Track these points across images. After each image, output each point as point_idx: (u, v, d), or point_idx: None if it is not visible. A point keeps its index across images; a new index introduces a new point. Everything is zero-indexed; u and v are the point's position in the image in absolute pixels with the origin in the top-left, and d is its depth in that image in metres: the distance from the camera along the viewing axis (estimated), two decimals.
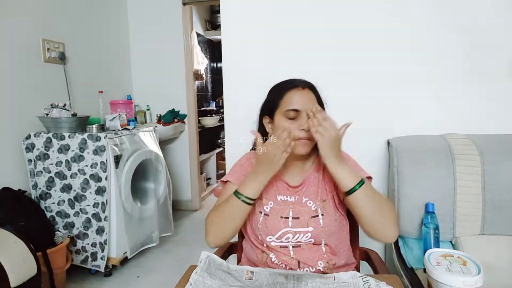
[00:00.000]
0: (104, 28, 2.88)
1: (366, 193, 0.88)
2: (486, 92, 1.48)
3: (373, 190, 0.91)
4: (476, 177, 1.24)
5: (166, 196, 2.57)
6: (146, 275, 2.20)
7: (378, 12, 1.52)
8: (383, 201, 0.91)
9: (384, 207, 0.89)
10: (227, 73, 1.67)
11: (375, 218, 0.88)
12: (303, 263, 0.94)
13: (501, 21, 1.44)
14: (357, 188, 0.87)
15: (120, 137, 2.14)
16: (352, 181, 0.88)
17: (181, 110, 3.22)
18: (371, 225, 0.89)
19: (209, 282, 0.81)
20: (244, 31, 1.64)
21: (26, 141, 2.06)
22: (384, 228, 0.89)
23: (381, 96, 1.56)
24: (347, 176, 0.88)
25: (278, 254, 0.95)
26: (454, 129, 1.46)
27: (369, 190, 0.89)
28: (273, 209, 0.98)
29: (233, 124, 1.69)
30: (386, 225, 0.88)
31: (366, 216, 0.88)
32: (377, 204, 0.89)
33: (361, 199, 0.87)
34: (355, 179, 0.88)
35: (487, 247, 1.21)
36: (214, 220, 0.96)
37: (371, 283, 0.79)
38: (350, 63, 1.57)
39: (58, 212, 2.10)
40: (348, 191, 0.88)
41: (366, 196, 0.87)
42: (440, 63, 1.50)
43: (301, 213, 0.96)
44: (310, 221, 0.95)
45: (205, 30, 4.27)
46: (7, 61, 2.01)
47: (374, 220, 0.88)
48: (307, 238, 0.94)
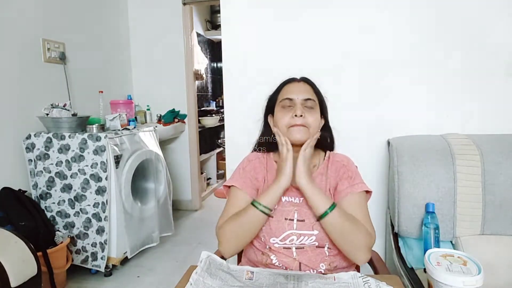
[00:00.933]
0: (105, 28, 2.88)
1: (335, 218, 0.89)
2: (486, 92, 1.48)
3: (345, 216, 0.90)
4: (476, 177, 1.24)
5: (166, 196, 2.57)
6: (146, 275, 2.20)
7: (378, 12, 1.52)
8: (354, 227, 0.90)
9: (354, 233, 0.89)
10: (227, 73, 1.67)
11: (344, 243, 0.90)
12: (305, 265, 0.93)
13: (501, 21, 1.44)
14: (328, 212, 0.89)
15: (120, 137, 2.14)
16: (322, 205, 0.90)
17: (181, 110, 3.22)
18: (341, 248, 0.91)
19: (209, 282, 0.81)
20: (244, 31, 1.64)
21: (27, 141, 2.06)
22: (353, 253, 0.90)
23: (381, 96, 1.56)
24: (319, 200, 0.90)
25: (279, 255, 0.95)
26: (454, 129, 1.46)
27: (339, 215, 0.89)
28: (277, 211, 0.97)
29: (233, 124, 1.70)
30: (353, 250, 0.90)
31: (335, 240, 0.91)
32: (346, 230, 0.89)
33: (331, 224, 0.89)
34: (326, 203, 0.90)
35: (487, 247, 1.21)
36: (231, 232, 0.94)
37: (371, 283, 0.79)
38: (350, 63, 1.57)
39: (58, 212, 2.10)
40: (320, 216, 0.90)
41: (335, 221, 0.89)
42: (440, 63, 1.50)
43: (306, 216, 0.95)
44: (315, 224, 0.94)
45: (205, 30, 4.27)
46: (7, 61, 2.01)
47: (344, 244, 0.90)
48: (311, 241, 0.94)
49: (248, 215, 0.93)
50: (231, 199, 1.02)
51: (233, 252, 0.96)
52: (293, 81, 1.05)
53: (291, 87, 1.03)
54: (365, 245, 0.89)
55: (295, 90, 1.01)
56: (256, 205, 0.92)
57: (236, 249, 0.97)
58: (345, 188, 0.98)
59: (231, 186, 1.03)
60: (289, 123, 0.97)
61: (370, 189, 1.00)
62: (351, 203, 0.95)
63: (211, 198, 3.83)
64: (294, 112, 0.96)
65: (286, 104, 0.99)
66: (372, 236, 0.92)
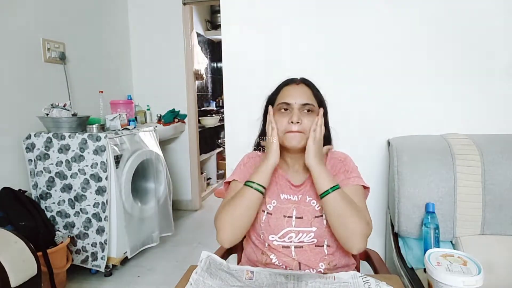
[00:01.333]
0: (105, 28, 2.88)
1: (336, 199, 0.89)
2: (486, 92, 1.48)
3: (346, 199, 0.90)
4: (476, 177, 1.24)
5: (167, 196, 2.57)
6: (146, 275, 2.20)
7: (378, 12, 1.52)
8: (353, 212, 0.88)
9: (352, 218, 0.88)
10: (227, 73, 1.67)
11: (340, 226, 0.89)
12: (304, 265, 0.93)
13: (501, 21, 1.44)
14: (330, 191, 0.89)
15: (120, 137, 2.14)
16: (326, 184, 0.90)
17: (181, 110, 3.22)
18: (337, 232, 0.90)
19: (209, 282, 0.81)
20: (244, 31, 1.64)
21: (27, 141, 2.06)
22: (349, 238, 0.89)
23: (381, 96, 1.56)
24: (324, 179, 0.91)
25: (279, 255, 0.95)
26: (454, 129, 1.46)
27: (340, 197, 0.89)
28: (276, 208, 0.98)
29: (233, 124, 1.69)
30: (350, 235, 0.88)
31: (332, 222, 0.90)
32: (345, 213, 0.88)
33: (331, 204, 0.89)
34: (330, 183, 0.90)
35: (487, 247, 1.21)
36: (227, 216, 0.93)
37: (371, 283, 0.79)
38: (350, 63, 1.57)
39: (58, 212, 2.10)
40: (322, 194, 0.90)
41: (336, 202, 0.88)
42: (440, 63, 1.50)
43: (304, 213, 0.96)
44: (314, 221, 0.95)
45: (205, 30, 4.27)
46: (7, 61, 2.01)
47: (339, 228, 0.89)
48: (310, 238, 0.94)
49: (243, 197, 0.93)
50: (230, 192, 1.01)
51: (230, 238, 0.94)
52: (292, 83, 1.03)
53: (290, 90, 1.01)
54: (362, 231, 0.88)
55: (293, 94, 0.99)
56: (249, 184, 0.92)
57: (233, 235, 0.93)
58: (341, 180, 0.97)
59: (232, 181, 1.03)
60: (285, 128, 0.96)
61: (367, 185, 1.00)
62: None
63: (211, 198, 3.83)
64: (290, 118, 0.95)
65: (283, 108, 0.98)
66: (369, 225, 0.90)
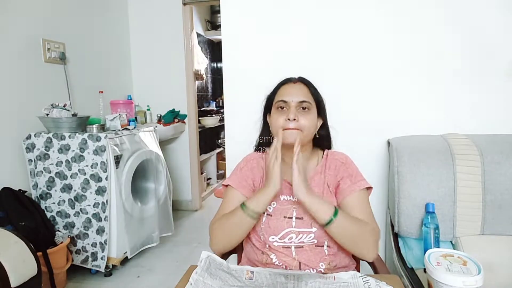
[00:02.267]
0: (105, 28, 2.88)
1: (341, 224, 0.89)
2: (486, 92, 1.48)
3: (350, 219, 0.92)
4: (476, 177, 1.24)
5: (167, 196, 2.57)
6: (147, 275, 2.20)
7: (378, 12, 1.52)
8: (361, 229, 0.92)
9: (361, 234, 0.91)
10: (227, 73, 1.67)
11: (352, 245, 0.92)
12: (304, 265, 0.93)
13: (501, 21, 1.44)
14: (333, 219, 0.89)
15: (120, 137, 2.14)
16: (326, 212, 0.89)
17: (181, 110, 3.22)
18: (350, 250, 0.94)
19: (209, 282, 0.81)
20: (244, 31, 1.64)
21: (27, 141, 2.06)
22: (362, 252, 0.93)
23: (381, 96, 1.56)
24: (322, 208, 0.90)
25: (279, 255, 0.95)
26: (454, 129, 1.46)
27: (343, 220, 0.90)
28: (276, 209, 0.98)
29: (233, 124, 1.69)
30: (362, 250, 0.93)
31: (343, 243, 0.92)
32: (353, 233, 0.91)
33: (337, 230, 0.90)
34: (329, 210, 0.90)
35: (487, 247, 1.21)
36: (219, 230, 0.99)
37: (371, 283, 0.79)
38: (351, 63, 1.57)
39: (58, 212, 2.10)
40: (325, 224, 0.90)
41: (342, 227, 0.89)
42: (440, 63, 1.50)
43: (304, 214, 0.96)
44: (314, 221, 0.94)
45: (205, 30, 4.27)
46: (8, 61, 2.01)
47: (352, 247, 0.93)
48: (310, 238, 0.94)
49: (236, 218, 0.95)
50: (226, 198, 1.05)
51: (222, 250, 1.00)
52: (290, 81, 1.04)
53: (287, 89, 1.02)
54: (373, 243, 0.92)
55: (290, 92, 1.00)
56: (244, 209, 0.93)
57: (224, 248, 1.00)
58: (348, 186, 0.99)
59: (228, 185, 1.06)
60: (282, 125, 0.97)
61: (371, 185, 1.01)
62: (354, 202, 0.97)
63: (211, 198, 3.83)
64: (287, 116, 0.96)
65: (280, 106, 0.99)
66: (377, 232, 0.94)
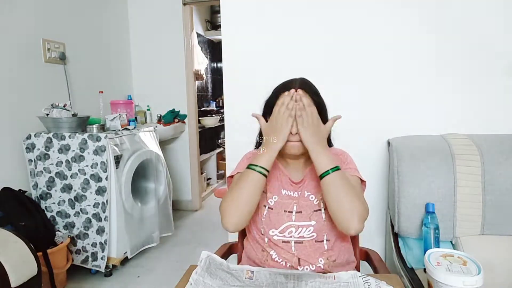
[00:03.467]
0: (105, 28, 2.88)
1: (335, 180, 0.88)
2: (486, 92, 1.48)
3: (346, 180, 0.90)
4: (476, 177, 1.24)
5: (167, 196, 2.57)
6: (147, 275, 2.20)
7: (378, 12, 1.52)
8: (353, 193, 0.89)
9: (351, 199, 0.88)
10: (227, 73, 1.67)
11: (339, 206, 0.88)
12: (304, 260, 0.94)
13: (501, 21, 1.44)
14: (329, 172, 0.88)
15: (120, 137, 2.14)
16: (326, 165, 0.89)
17: (182, 110, 3.22)
18: (334, 213, 0.89)
19: (209, 281, 0.81)
20: (244, 31, 1.64)
21: (27, 141, 2.06)
22: (346, 219, 0.87)
23: (381, 96, 1.56)
24: (324, 160, 0.90)
25: (279, 250, 0.96)
26: (454, 129, 1.46)
27: (340, 177, 0.89)
28: (277, 203, 0.99)
29: (233, 124, 1.70)
30: (347, 216, 0.87)
31: (330, 203, 0.89)
32: (344, 194, 0.88)
33: (330, 184, 0.88)
34: (330, 164, 0.89)
35: (487, 247, 1.22)
36: (231, 201, 0.92)
37: (371, 283, 0.80)
38: (351, 63, 1.57)
39: (58, 212, 2.10)
40: (322, 174, 0.89)
41: (335, 182, 0.88)
42: (440, 63, 1.50)
43: (303, 207, 0.97)
44: (313, 215, 0.96)
45: (205, 30, 4.27)
46: (8, 61, 2.01)
47: (338, 209, 0.88)
48: (309, 232, 0.95)
49: (246, 179, 0.92)
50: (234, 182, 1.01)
51: (235, 222, 0.92)
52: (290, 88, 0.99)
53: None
54: (360, 213, 0.87)
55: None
56: (252, 167, 0.92)
57: (238, 218, 0.92)
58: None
59: (236, 174, 1.03)
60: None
61: (363, 178, 1.00)
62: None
63: (211, 198, 3.83)
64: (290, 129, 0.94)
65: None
66: (367, 209, 0.90)
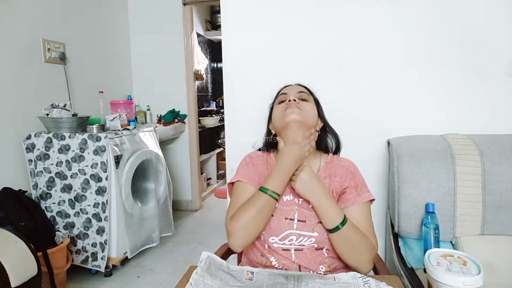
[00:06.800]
0: (105, 28, 2.88)
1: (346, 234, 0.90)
2: (486, 92, 1.48)
3: (354, 230, 0.91)
4: (476, 177, 1.24)
5: (167, 196, 2.57)
6: (147, 275, 2.20)
7: (378, 12, 1.52)
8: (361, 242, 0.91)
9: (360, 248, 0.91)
10: (227, 73, 1.67)
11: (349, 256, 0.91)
12: (304, 268, 0.93)
13: (501, 21, 1.44)
14: (339, 227, 0.89)
15: (120, 137, 2.14)
16: (334, 219, 0.90)
17: (182, 110, 3.22)
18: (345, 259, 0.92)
19: (209, 282, 0.81)
20: (244, 31, 1.64)
21: (27, 141, 2.06)
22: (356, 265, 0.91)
23: (381, 96, 1.56)
24: (330, 214, 0.90)
25: (278, 257, 0.94)
26: (454, 129, 1.46)
27: (350, 230, 0.90)
28: (278, 210, 0.97)
29: (233, 124, 1.69)
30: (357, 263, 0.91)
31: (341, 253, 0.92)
32: (355, 245, 0.91)
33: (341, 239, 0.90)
34: (338, 218, 0.90)
35: (487, 247, 1.21)
36: (242, 222, 0.90)
37: (371, 284, 0.79)
38: (351, 63, 1.57)
39: (58, 212, 2.10)
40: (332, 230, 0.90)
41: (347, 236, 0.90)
42: (440, 63, 1.50)
43: (307, 217, 0.95)
44: (317, 226, 0.94)
45: (206, 30, 4.27)
46: (8, 61, 2.01)
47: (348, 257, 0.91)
48: (310, 242, 0.94)
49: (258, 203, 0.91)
50: (237, 193, 1.01)
51: (243, 244, 0.92)
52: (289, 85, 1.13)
53: (286, 89, 1.09)
54: (369, 258, 0.91)
55: (289, 87, 1.10)
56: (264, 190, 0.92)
57: (246, 240, 0.92)
58: (353, 197, 0.97)
59: (236, 182, 1.03)
60: (284, 107, 1.01)
61: (373, 196, 1.00)
62: (357, 214, 0.96)
63: (211, 198, 3.84)
64: (288, 98, 1.02)
65: (281, 99, 1.05)
66: (375, 249, 0.94)
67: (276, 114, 1.04)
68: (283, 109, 1.01)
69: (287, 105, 1.00)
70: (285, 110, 1.00)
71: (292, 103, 1.00)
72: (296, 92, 1.05)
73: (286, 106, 1.00)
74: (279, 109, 1.03)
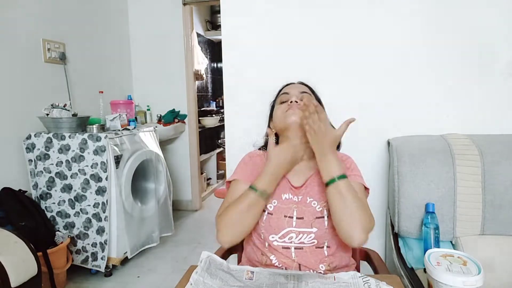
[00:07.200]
0: (105, 28, 2.88)
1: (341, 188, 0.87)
2: (486, 92, 1.48)
3: (352, 191, 0.88)
4: (476, 177, 1.24)
5: (167, 196, 2.57)
6: (147, 275, 2.20)
7: (378, 12, 1.52)
8: (358, 204, 0.87)
9: (356, 208, 0.86)
10: (227, 73, 1.67)
11: (343, 216, 0.87)
12: (304, 267, 0.93)
13: (501, 21, 1.44)
14: (336, 180, 0.88)
15: (120, 137, 2.14)
16: (333, 171, 0.89)
17: (182, 110, 3.22)
18: (337, 223, 0.88)
19: (209, 282, 0.81)
20: (244, 31, 1.64)
21: (27, 141, 2.06)
22: (350, 230, 0.86)
23: (381, 96, 1.56)
24: (330, 165, 0.90)
25: (279, 256, 0.95)
26: (454, 129, 1.46)
27: (346, 186, 0.88)
28: (277, 208, 0.98)
29: (233, 124, 1.69)
30: (351, 227, 0.86)
31: (334, 212, 0.88)
32: (349, 204, 0.86)
33: (335, 193, 0.87)
34: (337, 171, 0.89)
35: (487, 247, 1.21)
36: (229, 218, 0.92)
37: (371, 283, 0.79)
38: (351, 63, 1.57)
39: (58, 212, 2.10)
40: (327, 182, 0.89)
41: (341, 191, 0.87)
42: (440, 63, 1.50)
43: (305, 213, 0.96)
44: (315, 221, 0.94)
45: (206, 30, 4.27)
46: (8, 61, 2.01)
47: (342, 218, 0.87)
48: (310, 239, 0.94)
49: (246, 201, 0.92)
50: (231, 191, 1.02)
51: (230, 240, 0.93)
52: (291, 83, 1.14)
53: (288, 88, 1.10)
54: (364, 224, 0.86)
55: (291, 86, 1.11)
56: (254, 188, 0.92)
57: (233, 238, 0.93)
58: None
59: (233, 180, 1.04)
60: (285, 108, 1.02)
61: (367, 186, 1.00)
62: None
63: (211, 198, 3.83)
64: (290, 99, 1.03)
65: (283, 99, 1.06)
66: (372, 220, 0.89)
67: (278, 114, 1.05)
68: (284, 109, 1.02)
69: (289, 106, 1.01)
70: (286, 111, 1.01)
71: (293, 105, 1.01)
72: (298, 92, 1.05)
73: (288, 107, 1.01)
74: (280, 109, 1.04)
